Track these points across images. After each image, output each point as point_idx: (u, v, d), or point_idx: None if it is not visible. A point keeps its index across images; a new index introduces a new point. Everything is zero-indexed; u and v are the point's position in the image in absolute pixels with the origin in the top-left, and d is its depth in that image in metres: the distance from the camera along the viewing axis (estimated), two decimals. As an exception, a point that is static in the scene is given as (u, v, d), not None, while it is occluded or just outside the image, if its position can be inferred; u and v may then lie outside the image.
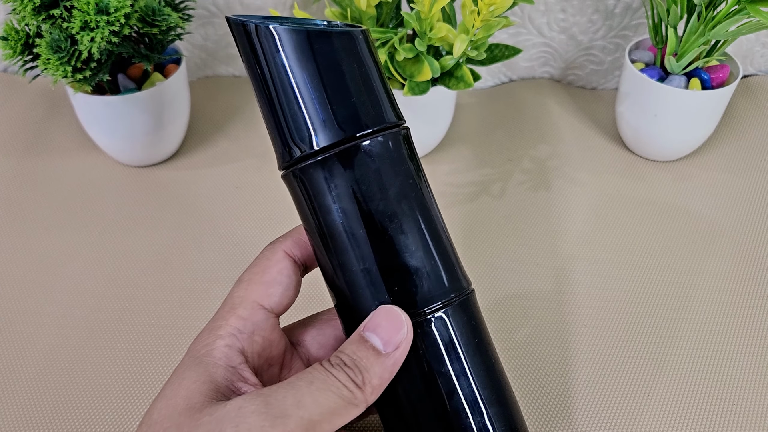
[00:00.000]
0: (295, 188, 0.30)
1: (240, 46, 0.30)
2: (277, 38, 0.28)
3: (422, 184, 0.31)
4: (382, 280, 0.30)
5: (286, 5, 0.65)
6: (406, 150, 0.31)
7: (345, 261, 0.30)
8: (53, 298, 0.49)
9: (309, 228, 0.31)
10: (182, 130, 0.61)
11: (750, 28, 0.52)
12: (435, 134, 0.60)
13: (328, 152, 0.29)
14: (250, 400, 0.27)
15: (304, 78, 0.29)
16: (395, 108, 0.31)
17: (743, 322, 0.48)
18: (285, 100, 0.29)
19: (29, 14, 0.47)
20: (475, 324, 0.32)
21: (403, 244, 0.30)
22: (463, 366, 0.31)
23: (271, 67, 0.29)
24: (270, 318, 0.32)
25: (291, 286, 0.32)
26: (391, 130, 0.30)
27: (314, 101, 0.29)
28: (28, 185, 0.59)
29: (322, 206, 0.30)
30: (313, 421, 0.26)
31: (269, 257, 0.32)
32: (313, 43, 0.28)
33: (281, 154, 0.30)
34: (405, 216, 0.30)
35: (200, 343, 0.30)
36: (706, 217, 0.56)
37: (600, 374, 0.45)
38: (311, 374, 0.28)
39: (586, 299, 0.49)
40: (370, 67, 0.30)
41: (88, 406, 0.43)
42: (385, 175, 0.29)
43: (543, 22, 0.66)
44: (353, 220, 0.29)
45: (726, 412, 0.43)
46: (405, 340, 0.29)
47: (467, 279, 0.33)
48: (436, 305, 0.30)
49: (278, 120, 0.29)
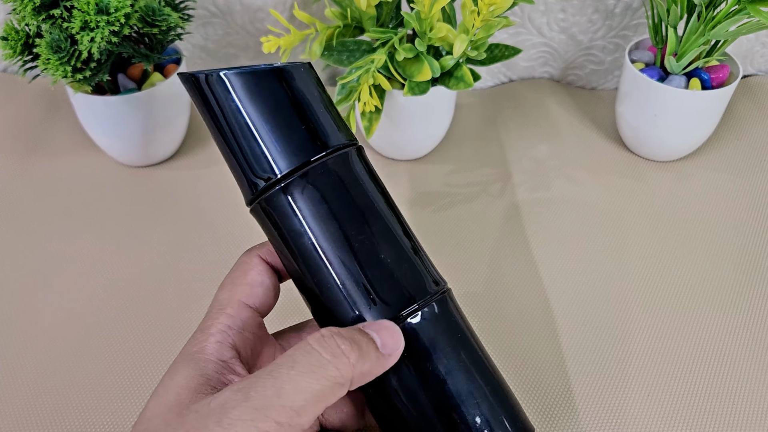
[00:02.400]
0: (264, 219, 0.32)
1: (194, 96, 0.32)
2: (228, 82, 0.31)
3: (382, 194, 0.33)
4: (358, 291, 0.31)
5: (286, 5, 0.65)
6: (361, 165, 0.33)
7: (318, 277, 0.31)
8: (52, 297, 0.49)
9: (281, 252, 0.33)
10: (182, 130, 0.61)
11: (750, 28, 0.52)
12: (435, 134, 0.60)
13: (289, 178, 0.31)
14: (232, 395, 0.27)
15: (256, 115, 0.31)
16: (345, 130, 0.33)
17: (743, 322, 0.48)
18: (243, 139, 0.31)
19: (29, 14, 0.47)
20: (455, 321, 0.33)
21: (371, 254, 0.31)
22: (447, 362, 0.32)
23: (226, 110, 0.31)
24: (256, 317, 0.33)
25: (271, 288, 0.33)
26: (343, 150, 0.32)
27: (269, 135, 0.31)
28: (28, 185, 0.59)
29: (291, 229, 0.31)
30: (296, 407, 0.26)
31: (247, 262, 0.34)
32: (261, 82, 0.31)
33: (247, 189, 0.32)
34: (369, 227, 0.32)
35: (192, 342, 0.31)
36: (706, 217, 0.56)
37: (600, 374, 0.45)
38: (294, 355, 0.28)
39: (586, 299, 0.49)
40: (315, 96, 0.32)
41: (87, 406, 0.43)
42: (344, 190, 0.31)
43: (543, 22, 0.66)
44: (321, 237, 0.31)
45: (726, 412, 0.43)
46: (397, 351, 0.30)
47: (442, 279, 0.34)
48: (412, 307, 0.31)
49: (239, 159, 0.32)
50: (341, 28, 0.54)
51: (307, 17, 0.53)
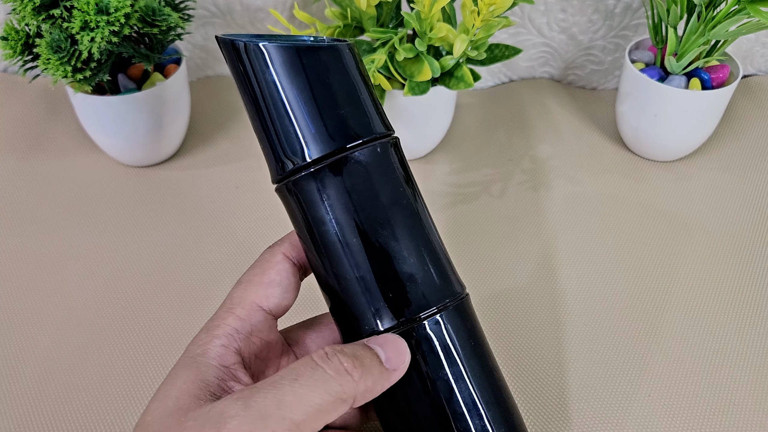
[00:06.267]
0: (289, 201, 0.31)
1: (230, 63, 0.31)
2: (267, 55, 0.29)
3: (413, 191, 0.32)
4: (377, 287, 0.30)
5: (286, 5, 0.65)
6: (396, 159, 0.31)
7: (339, 269, 0.30)
8: (53, 298, 0.49)
9: (303, 238, 0.32)
10: (182, 130, 0.61)
11: (750, 28, 0.52)
12: (435, 134, 0.60)
13: (320, 164, 0.29)
14: (231, 403, 0.26)
15: (293, 93, 0.29)
16: (384, 118, 0.32)
17: (743, 322, 0.48)
18: (276, 115, 0.30)
19: (29, 14, 0.47)
20: (471, 328, 0.32)
21: (396, 251, 0.30)
22: (460, 369, 0.31)
23: (262, 83, 0.29)
24: (268, 320, 0.32)
25: (290, 288, 0.32)
26: (381, 140, 0.31)
27: (304, 115, 0.29)
28: (28, 185, 0.59)
29: (316, 217, 0.30)
30: (296, 420, 0.26)
31: (268, 259, 0.33)
32: (302, 59, 0.29)
33: (274, 167, 0.31)
34: (397, 223, 0.30)
35: (196, 343, 0.30)
36: (706, 217, 0.56)
37: (600, 374, 0.45)
38: (297, 369, 0.27)
39: (586, 299, 0.49)
40: (357, 79, 0.31)
41: (88, 406, 0.43)
42: (376, 184, 0.30)
43: (543, 22, 0.66)
44: (346, 229, 0.30)
45: (726, 411, 0.43)
46: (403, 367, 0.30)
47: (461, 284, 0.33)
48: (431, 310, 0.31)
49: (270, 135, 0.30)
50: (341, 28, 0.54)
51: (307, 17, 0.53)
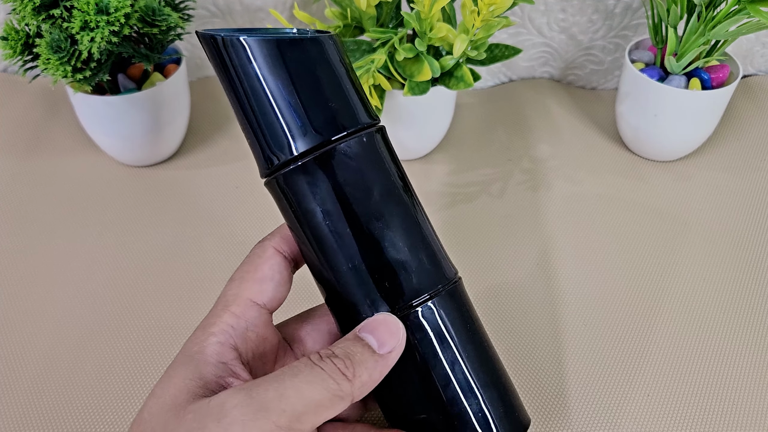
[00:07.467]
0: (278, 194, 0.31)
1: (212, 59, 0.30)
2: (248, 49, 0.29)
3: (401, 179, 0.32)
4: (370, 277, 0.30)
5: (286, 5, 0.65)
6: (383, 148, 0.31)
7: (332, 261, 0.31)
8: (53, 298, 0.49)
9: (295, 231, 0.32)
10: (182, 130, 0.61)
11: (750, 28, 0.52)
12: (435, 134, 0.60)
13: (307, 157, 0.29)
14: (232, 395, 0.27)
15: (277, 86, 0.29)
16: (368, 108, 0.31)
17: (743, 321, 0.48)
18: (260, 110, 0.29)
19: (29, 14, 0.47)
20: (465, 311, 0.33)
21: (387, 240, 0.30)
22: (456, 352, 0.31)
23: (243, 78, 0.29)
24: (263, 314, 0.32)
25: (283, 282, 0.33)
26: (367, 130, 0.30)
27: (289, 108, 0.29)
28: (28, 185, 0.59)
29: (306, 210, 0.30)
30: (297, 412, 0.26)
31: (260, 255, 0.33)
32: (284, 52, 0.29)
33: (262, 162, 0.31)
34: (387, 212, 0.30)
35: (193, 341, 0.31)
36: (706, 217, 0.56)
37: (600, 374, 0.45)
38: (297, 366, 0.28)
39: (586, 299, 0.49)
40: (341, 71, 0.30)
41: (88, 406, 0.43)
42: (364, 174, 0.30)
43: (543, 22, 0.66)
44: (337, 220, 0.30)
45: (725, 411, 0.43)
46: (399, 346, 0.30)
47: (453, 268, 0.33)
48: (424, 296, 0.31)
49: (255, 129, 0.30)
50: (341, 28, 0.54)
51: (307, 17, 0.53)
